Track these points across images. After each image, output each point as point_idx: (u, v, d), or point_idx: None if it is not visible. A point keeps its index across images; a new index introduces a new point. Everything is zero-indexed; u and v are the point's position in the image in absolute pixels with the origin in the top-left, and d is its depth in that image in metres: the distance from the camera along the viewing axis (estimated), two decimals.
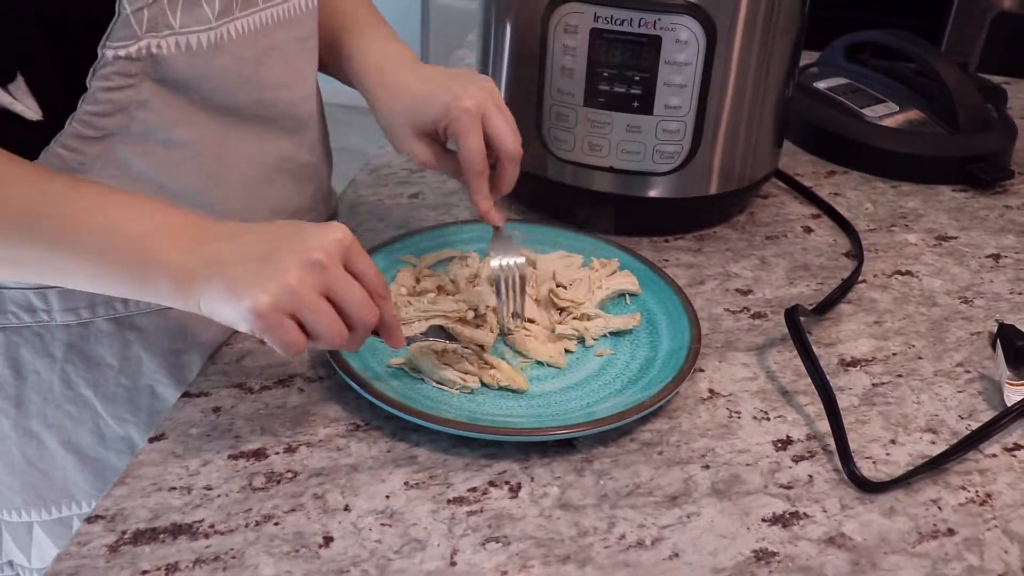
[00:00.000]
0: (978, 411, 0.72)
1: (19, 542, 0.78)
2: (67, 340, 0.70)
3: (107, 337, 0.71)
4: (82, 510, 0.76)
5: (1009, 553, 0.59)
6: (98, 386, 0.72)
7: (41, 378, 0.71)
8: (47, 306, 0.68)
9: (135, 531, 0.57)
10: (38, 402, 0.72)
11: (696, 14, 0.78)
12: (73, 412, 0.73)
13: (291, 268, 0.56)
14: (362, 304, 0.59)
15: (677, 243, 0.92)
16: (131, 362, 0.72)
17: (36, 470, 0.75)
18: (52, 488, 0.75)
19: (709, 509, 0.61)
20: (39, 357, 0.70)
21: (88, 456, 0.75)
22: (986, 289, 0.87)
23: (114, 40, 0.60)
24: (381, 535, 0.57)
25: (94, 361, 0.71)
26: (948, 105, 1.08)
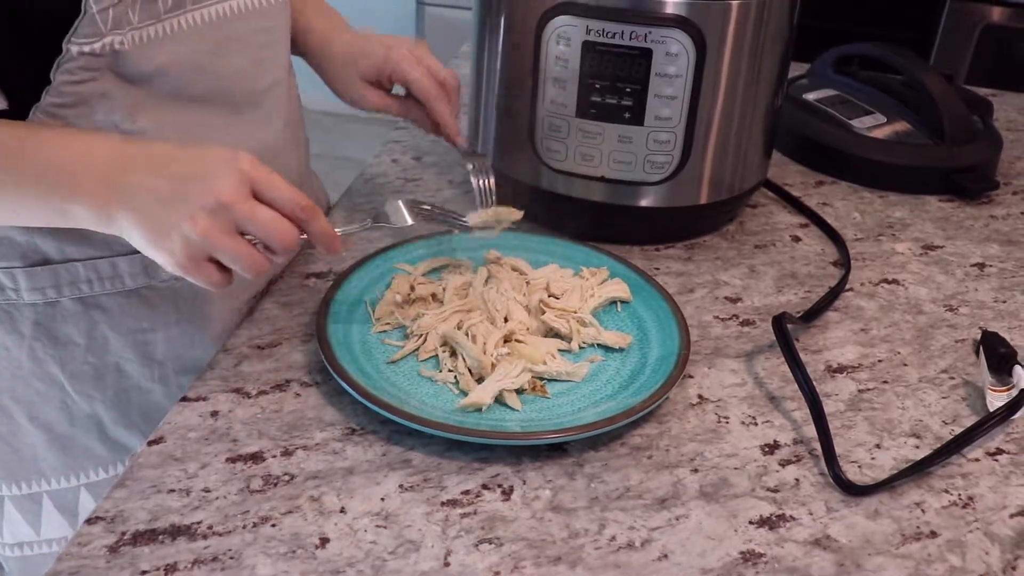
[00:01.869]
0: (961, 416, 0.73)
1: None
2: (35, 318, 0.72)
3: (73, 316, 0.73)
4: (51, 486, 0.78)
5: (990, 554, 0.61)
6: (65, 364, 0.74)
7: (10, 354, 0.73)
8: (15, 285, 0.70)
9: (135, 532, 0.58)
10: (7, 378, 0.74)
11: (686, 27, 0.80)
12: (41, 389, 0.75)
13: (198, 215, 0.58)
14: (277, 231, 0.60)
15: (667, 252, 0.93)
16: (97, 341, 0.74)
17: (6, 445, 0.76)
18: (22, 464, 0.77)
19: (697, 511, 0.62)
20: (8, 334, 0.72)
21: (56, 432, 0.76)
22: (971, 297, 0.89)
23: (79, 36, 0.63)
24: (376, 536, 0.59)
25: (61, 339, 0.73)
26: (934, 116, 1.10)
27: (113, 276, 0.72)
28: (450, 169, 1.07)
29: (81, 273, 0.71)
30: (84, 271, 0.71)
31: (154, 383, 0.78)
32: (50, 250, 0.70)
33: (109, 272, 0.72)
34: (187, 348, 0.79)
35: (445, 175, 1.06)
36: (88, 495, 0.79)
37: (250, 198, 0.60)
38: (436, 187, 1.03)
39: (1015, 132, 1.29)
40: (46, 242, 0.70)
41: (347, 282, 0.80)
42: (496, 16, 0.89)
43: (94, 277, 0.72)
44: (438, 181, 1.04)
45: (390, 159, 1.09)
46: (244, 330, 0.77)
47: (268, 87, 0.78)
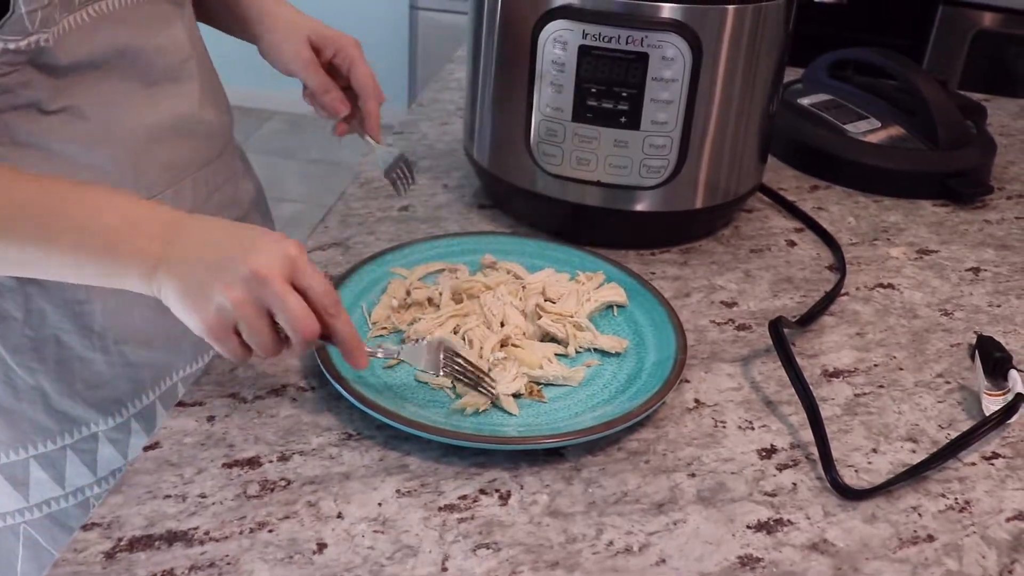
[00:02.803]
0: (957, 421, 0.73)
1: None
2: None
3: (10, 292, 0.74)
4: (0, 460, 0.79)
5: (987, 558, 0.61)
6: (5, 338, 0.75)
7: None
8: None
9: (131, 538, 0.58)
10: None
11: (682, 32, 0.80)
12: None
13: (235, 284, 0.60)
14: (299, 319, 0.61)
15: (663, 256, 0.93)
16: (34, 314, 0.75)
17: None
18: None
19: (695, 516, 0.62)
20: None
21: (3, 407, 0.77)
22: (965, 302, 0.89)
23: (5, 33, 0.64)
24: (374, 542, 0.58)
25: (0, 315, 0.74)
26: (928, 121, 1.11)
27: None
28: (446, 174, 1.07)
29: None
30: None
31: (95, 352, 0.79)
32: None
33: None
34: (126, 316, 0.79)
35: (440, 180, 1.06)
36: (37, 466, 0.80)
37: (286, 281, 0.61)
38: (431, 192, 1.03)
39: (1008, 137, 1.30)
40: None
41: (343, 287, 0.79)
42: (492, 20, 0.89)
43: None
44: (433, 186, 1.04)
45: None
46: None
47: (181, 61, 0.81)
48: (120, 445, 0.82)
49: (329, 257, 0.89)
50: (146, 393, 0.83)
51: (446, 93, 1.33)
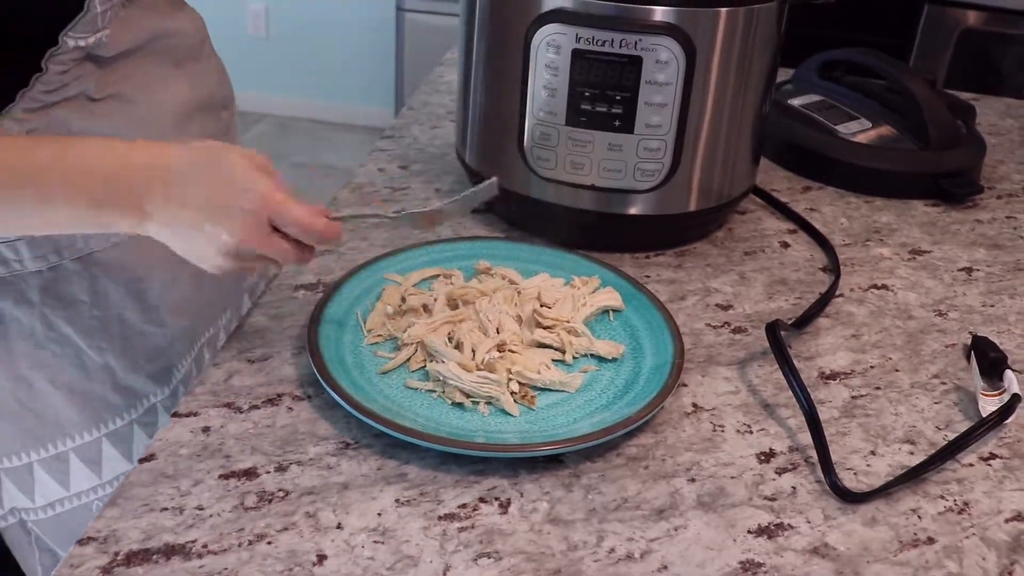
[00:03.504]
0: (954, 422, 0.73)
1: (22, 486, 0.82)
2: (41, 284, 0.76)
3: (75, 276, 0.77)
4: (75, 442, 0.82)
5: (987, 560, 0.61)
6: (75, 321, 0.78)
7: (23, 325, 0.76)
8: (18, 256, 0.74)
9: (128, 552, 0.57)
10: (23, 347, 0.77)
11: (676, 35, 0.80)
12: (56, 351, 0.78)
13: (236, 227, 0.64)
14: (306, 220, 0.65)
15: (658, 259, 0.93)
16: (99, 295, 0.79)
17: (29, 412, 0.79)
18: (46, 427, 0.80)
19: (696, 522, 0.62)
20: (18, 306, 0.76)
21: (75, 390, 0.80)
22: (959, 302, 0.89)
23: (77, 31, 0.68)
24: (374, 552, 0.58)
25: (68, 299, 0.77)
26: (919, 122, 1.11)
27: (106, 232, 0.77)
28: (437, 178, 1.07)
29: (76, 235, 0.76)
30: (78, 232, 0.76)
31: (153, 326, 0.83)
32: None
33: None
34: (175, 289, 0.84)
35: (432, 183, 1.05)
36: (109, 444, 0.84)
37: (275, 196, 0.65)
38: (424, 195, 1.02)
39: (997, 136, 1.30)
40: None
41: (338, 294, 0.79)
42: (484, 24, 0.89)
43: (89, 235, 0.76)
44: (425, 190, 1.04)
45: (376, 168, 1.09)
46: (234, 343, 0.76)
47: (200, 41, 0.87)
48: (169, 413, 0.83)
49: (322, 263, 0.88)
50: (188, 357, 0.88)
51: (436, 96, 1.32)
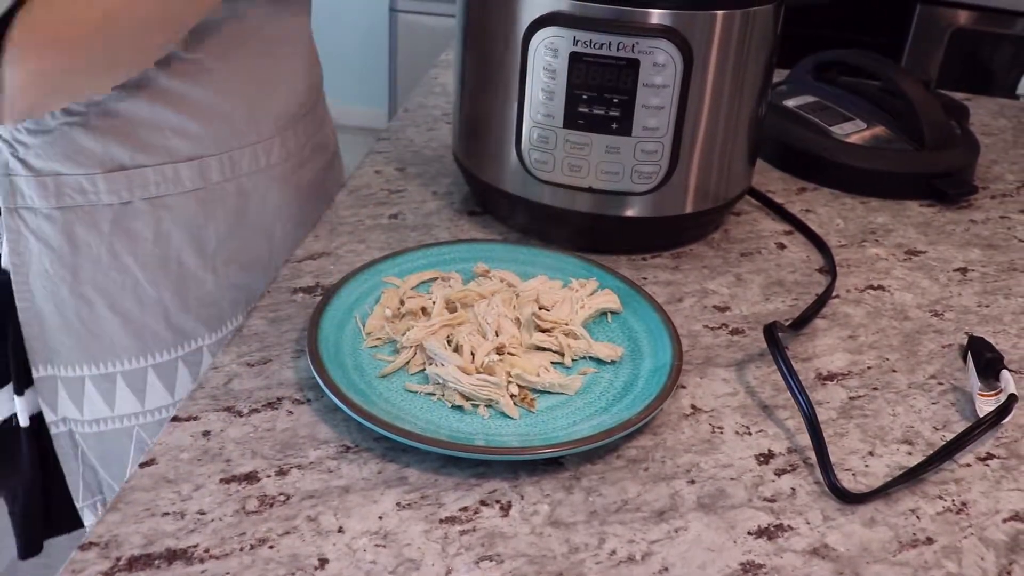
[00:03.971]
0: (952, 422, 0.74)
1: (74, 397, 0.92)
2: (112, 217, 0.86)
3: (143, 214, 0.87)
4: (124, 367, 0.91)
5: (985, 560, 0.61)
6: (137, 255, 0.88)
7: (92, 250, 0.86)
8: (95, 189, 0.84)
9: (130, 557, 0.57)
10: (90, 270, 0.87)
11: (673, 37, 0.80)
12: (117, 279, 0.88)
13: None
14: None
15: (655, 261, 0.93)
16: (162, 235, 0.88)
17: (88, 331, 0.89)
18: (101, 347, 0.90)
19: (696, 523, 0.62)
20: (90, 232, 0.86)
21: (130, 318, 0.90)
22: (955, 302, 0.90)
23: None
24: (376, 556, 0.58)
25: (133, 235, 0.87)
26: (913, 122, 1.11)
27: (175, 179, 0.87)
28: (434, 180, 1.07)
29: (150, 177, 0.86)
30: (152, 175, 0.86)
31: (207, 273, 0.92)
32: (124, 158, 0.84)
33: (172, 176, 0.87)
34: (232, 240, 0.93)
35: (429, 186, 1.05)
36: (154, 374, 0.93)
37: None
38: (420, 199, 1.03)
39: (990, 136, 1.31)
40: (121, 151, 0.84)
41: (336, 297, 0.79)
42: (481, 26, 0.89)
43: (160, 180, 0.86)
44: (422, 192, 1.04)
45: (373, 170, 1.09)
46: (233, 347, 0.76)
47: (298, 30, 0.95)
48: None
49: (320, 266, 0.88)
50: (241, 312, 0.96)
51: (431, 98, 1.33)
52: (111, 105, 0.82)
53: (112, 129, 0.83)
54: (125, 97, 0.82)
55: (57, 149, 0.82)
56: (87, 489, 0.97)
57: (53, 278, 0.87)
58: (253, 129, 0.91)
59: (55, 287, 0.87)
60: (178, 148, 0.85)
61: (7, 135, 0.82)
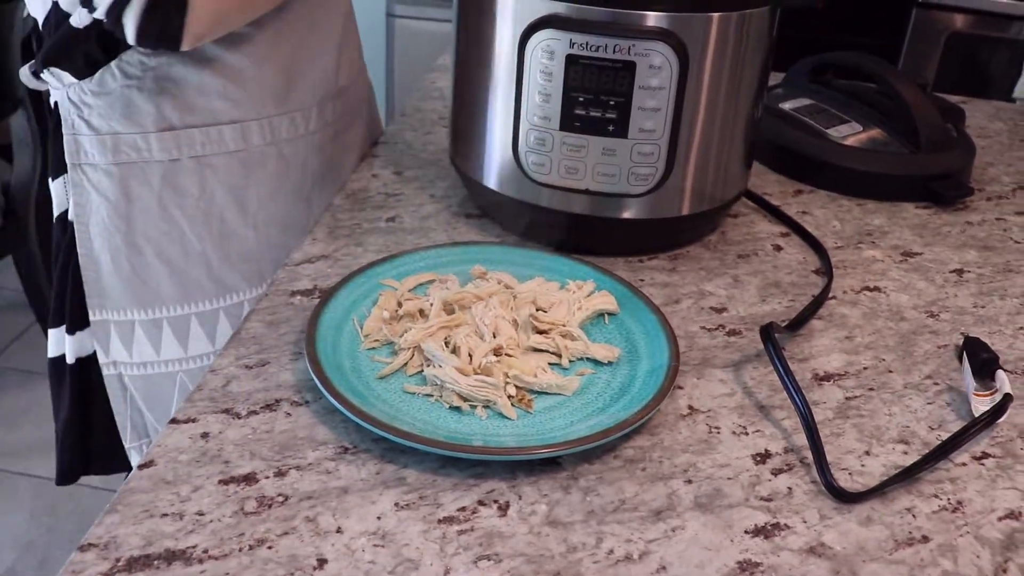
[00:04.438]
0: (947, 422, 0.74)
1: (124, 340, 0.99)
2: (161, 173, 0.93)
3: (191, 172, 0.94)
4: (169, 313, 0.99)
5: (981, 558, 0.62)
6: (184, 209, 0.95)
7: (143, 202, 0.94)
8: (148, 146, 0.92)
9: (129, 558, 0.57)
10: (141, 221, 0.95)
11: (669, 40, 0.81)
12: (165, 229, 0.95)
13: None
14: None
15: (652, 263, 0.94)
16: (207, 192, 0.95)
17: (138, 277, 0.97)
18: (148, 293, 0.97)
19: (693, 523, 0.63)
20: (142, 185, 0.93)
21: (175, 266, 0.97)
22: (951, 303, 0.90)
23: None
24: (374, 556, 0.58)
25: (180, 190, 0.94)
26: (909, 125, 1.12)
27: (219, 140, 0.94)
28: (431, 183, 1.07)
29: (196, 137, 0.93)
30: (198, 135, 0.93)
31: (247, 230, 0.99)
32: (174, 119, 0.92)
33: (216, 137, 0.94)
34: (273, 201, 0.99)
35: (427, 190, 1.06)
36: (196, 322, 1.00)
37: None
38: (418, 202, 1.03)
39: (986, 139, 1.31)
40: (172, 112, 0.91)
41: (334, 299, 0.79)
42: (477, 30, 0.89)
43: (205, 140, 0.93)
44: (420, 196, 1.04)
45: (370, 174, 1.09)
46: (231, 350, 0.77)
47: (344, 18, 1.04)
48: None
49: (318, 269, 0.89)
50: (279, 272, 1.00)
51: (428, 102, 1.33)
52: (164, 70, 0.89)
53: (164, 92, 0.90)
54: (176, 63, 0.89)
55: (116, 110, 0.90)
56: (134, 431, 1.04)
57: (109, 227, 0.95)
58: (292, 97, 0.97)
59: (110, 236, 0.95)
60: (222, 111, 0.92)
61: (75, 98, 0.90)
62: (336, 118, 1.04)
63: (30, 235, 1.98)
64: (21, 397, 2.35)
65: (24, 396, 2.34)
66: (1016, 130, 1.37)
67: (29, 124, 1.89)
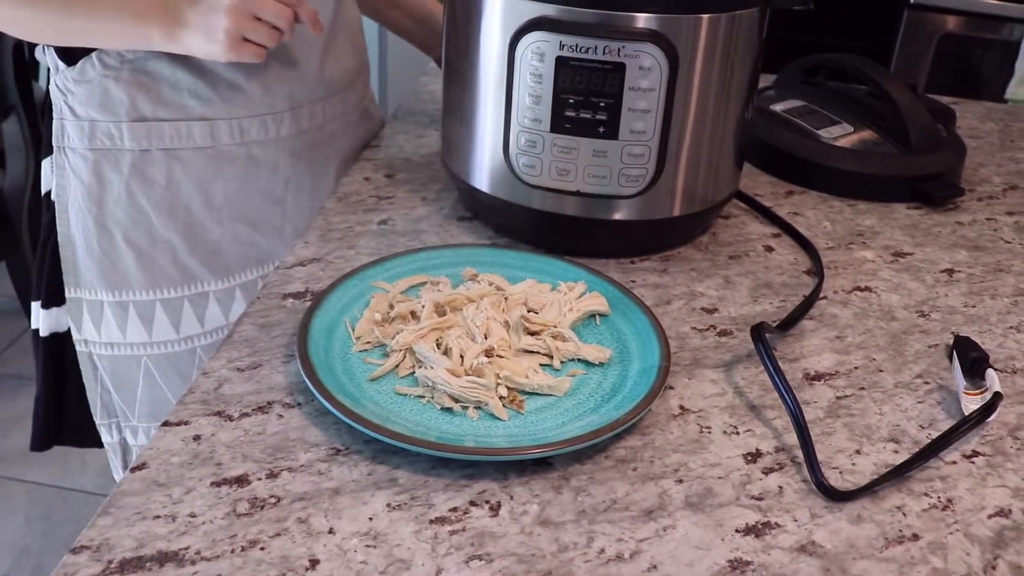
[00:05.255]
0: (938, 420, 0.74)
1: (94, 319, 1.03)
2: (131, 161, 0.97)
3: (159, 163, 0.98)
4: (136, 297, 1.02)
5: (971, 555, 0.62)
6: (150, 198, 0.99)
7: (113, 187, 0.98)
8: (120, 134, 0.96)
9: (121, 560, 0.57)
10: (111, 205, 0.99)
11: (659, 41, 0.81)
12: (133, 215, 0.99)
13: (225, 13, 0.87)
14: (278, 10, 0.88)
15: (643, 264, 0.94)
16: (174, 183, 0.99)
17: (107, 259, 1.01)
18: (117, 275, 1.01)
19: (684, 522, 0.63)
20: (113, 171, 0.98)
21: (143, 252, 1.00)
22: (941, 303, 0.91)
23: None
24: (366, 557, 0.59)
25: (149, 179, 0.98)
26: (900, 125, 1.12)
27: (188, 135, 0.97)
28: (423, 186, 1.07)
29: (166, 130, 0.96)
30: (169, 129, 0.96)
31: (214, 224, 1.02)
32: (146, 110, 0.96)
33: (186, 132, 0.97)
34: (240, 198, 1.02)
35: (418, 192, 1.06)
36: (161, 309, 1.03)
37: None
38: (410, 205, 1.03)
39: (977, 139, 1.32)
40: (145, 103, 0.95)
41: (326, 302, 0.79)
42: (468, 32, 0.89)
43: (175, 134, 0.97)
44: (411, 198, 1.04)
45: (363, 177, 1.09)
46: (223, 352, 0.77)
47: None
48: (224, 306, 1.05)
49: (310, 272, 0.89)
50: (251, 269, 1.05)
51: (421, 105, 1.33)
52: (140, 64, 0.94)
53: (138, 84, 0.94)
54: (152, 58, 0.94)
55: (94, 98, 0.95)
56: (104, 409, 1.08)
57: (83, 209, 0.99)
58: (265, 102, 0.99)
59: (84, 217, 0.99)
60: (192, 108, 0.96)
61: (61, 84, 0.96)
62: (315, 126, 1.05)
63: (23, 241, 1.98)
64: (15, 403, 2.34)
65: (18, 402, 2.34)
66: (1007, 131, 1.37)
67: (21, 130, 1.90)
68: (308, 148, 1.05)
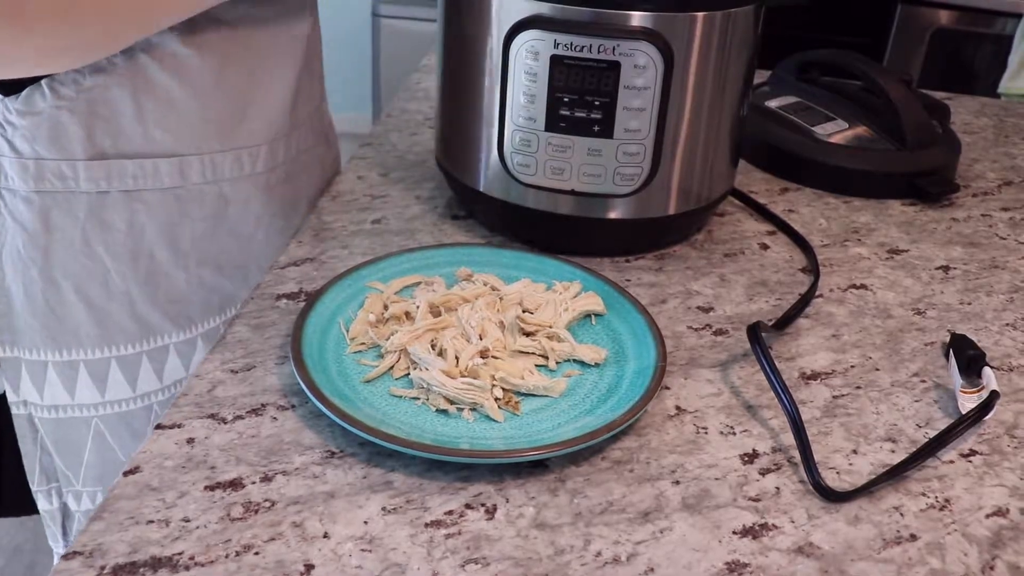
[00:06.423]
0: (934, 419, 0.74)
1: (35, 380, 0.92)
2: (88, 205, 0.85)
3: (119, 205, 0.86)
4: (87, 356, 0.91)
5: (969, 555, 0.62)
6: (109, 245, 0.87)
7: (65, 234, 0.86)
8: (74, 175, 0.84)
9: (114, 566, 0.57)
10: (61, 255, 0.87)
11: (653, 39, 0.80)
12: (87, 265, 0.88)
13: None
14: None
15: (638, 263, 0.93)
16: (136, 228, 0.88)
17: (54, 314, 0.89)
18: (65, 332, 0.90)
19: (681, 524, 0.63)
20: (66, 216, 0.85)
21: (95, 305, 0.89)
22: (937, 300, 0.90)
23: None
24: (362, 561, 0.58)
25: (107, 224, 0.87)
26: (895, 122, 1.12)
27: (153, 174, 0.86)
28: (417, 185, 1.07)
29: (128, 169, 0.85)
30: (131, 167, 0.85)
31: (179, 270, 0.91)
32: (106, 146, 0.84)
33: (151, 171, 0.86)
34: (208, 242, 0.92)
35: (412, 191, 1.05)
36: (116, 367, 0.92)
37: None
38: (403, 203, 1.03)
39: (971, 135, 1.32)
40: (104, 139, 0.84)
41: (320, 303, 0.79)
42: (462, 31, 0.89)
43: (139, 173, 0.85)
44: (405, 197, 1.04)
45: (356, 175, 1.09)
46: (216, 354, 0.76)
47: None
48: (185, 358, 0.95)
49: (303, 272, 0.88)
50: (214, 316, 0.95)
51: (414, 103, 1.33)
52: (99, 92, 0.81)
53: (97, 116, 0.82)
54: (113, 86, 0.82)
55: (43, 132, 0.81)
56: (43, 474, 0.97)
57: (24, 259, 0.86)
58: (238, 135, 0.90)
59: (25, 268, 0.87)
60: (159, 142, 0.85)
61: (1, 118, 0.82)
62: (289, 159, 0.96)
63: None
64: None
65: None
66: (1001, 126, 1.37)
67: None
68: (281, 183, 0.96)
